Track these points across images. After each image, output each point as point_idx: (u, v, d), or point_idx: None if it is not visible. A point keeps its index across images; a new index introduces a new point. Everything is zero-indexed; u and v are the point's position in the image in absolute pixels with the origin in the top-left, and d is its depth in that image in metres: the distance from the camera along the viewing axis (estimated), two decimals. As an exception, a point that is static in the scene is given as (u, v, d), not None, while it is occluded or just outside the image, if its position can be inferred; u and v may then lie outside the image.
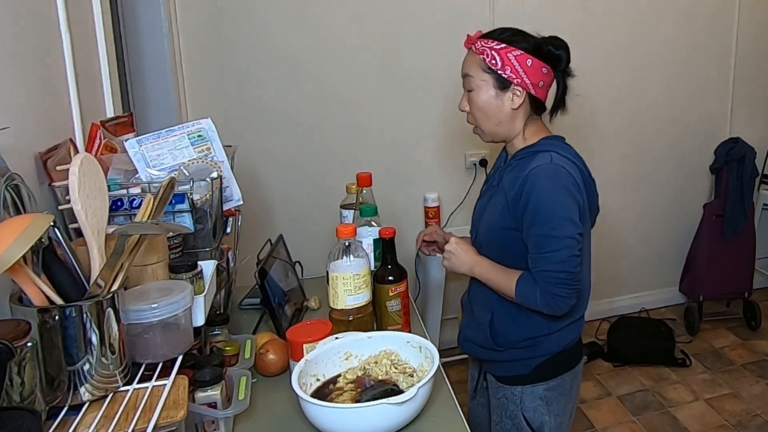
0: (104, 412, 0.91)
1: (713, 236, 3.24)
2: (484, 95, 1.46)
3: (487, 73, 1.45)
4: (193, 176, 1.31)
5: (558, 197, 1.38)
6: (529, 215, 1.39)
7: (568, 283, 1.39)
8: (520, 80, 1.44)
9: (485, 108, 1.47)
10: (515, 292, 1.43)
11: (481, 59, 1.45)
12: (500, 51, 1.43)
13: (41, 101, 1.25)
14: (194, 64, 2.58)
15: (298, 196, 2.81)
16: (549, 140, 1.48)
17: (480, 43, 1.46)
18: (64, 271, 0.93)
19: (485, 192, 1.61)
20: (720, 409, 2.71)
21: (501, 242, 1.48)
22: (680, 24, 3.21)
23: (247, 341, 1.41)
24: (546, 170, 1.39)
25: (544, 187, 1.38)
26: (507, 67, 1.43)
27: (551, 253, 1.38)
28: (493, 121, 1.48)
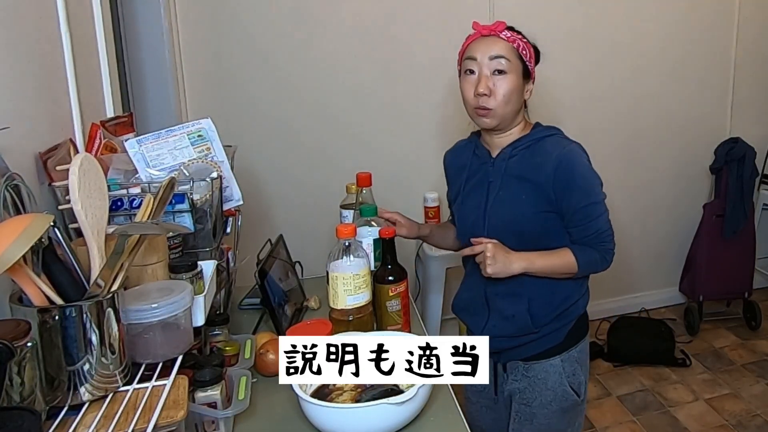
0: (104, 412, 0.91)
1: (713, 236, 3.24)
2: (515, 80, 1.50)
3: (518, 61, 1.51)
4: (193, 176, 1.31)
5: (589, 168, 1.52)
6: (574, 193, 1.48)
7: (613, 237, 1.55)
8: (533, 74, 1.56)
9: (512, 92, 1.50)
10: (578, 263, 1.51)
11: (514, 47, 1.51)
12: (527, 45, 1.54)
13: (41, 101, 1.25)
14: (194, 64, 2.58)
15: (298, 195, 2.81)
16: (540, 127, 1.59)
17: (509, 33, 1.53)
18: (64, 271, 0.93)
19: (474, 191, 1.61)
20: (720, 409, 2.71)
21: (535, 228, 1.52)
22: (680, 24, 3.21)
23: (247, 341, 1.41)
24: (574, 150, 1.51)
25: (581, 163, 1.50)
26: (531, 61, 1.53)
27: (600, 217, 1.52)
28: (511, 107, 1.51)
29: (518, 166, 1.53)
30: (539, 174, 1.49)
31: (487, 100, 1.50)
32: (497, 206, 1.55)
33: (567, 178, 1.48)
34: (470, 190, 1.62)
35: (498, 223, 1.55)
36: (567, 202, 1.49)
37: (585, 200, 1.50)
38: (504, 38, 1.52)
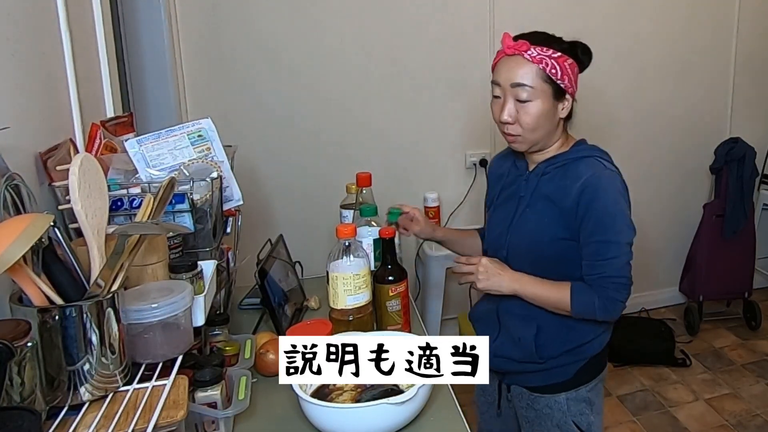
0: (104, 412, 0.91)
1: (713, 236, 3.24)
2: (542, 106, 1.39)
3: (546, 83, 1.39)
4: (193, 176, 1.31)
5: (618, 203, 1.40)
6: (590, 222, 1.38)
7: (626, 288, 1.41)
8: (572, 89, 1.43)
9: (541, 119, 1.40)
10: (571, 303, 1.40)
11: (540, 68, 1.38)
12: (558, 60, 1.39)
13: (41, 101, 1.25)
14: (194, 64, 2.58)
15: (298, 196, 2.81)
16: (582, 146, 1.48)
17: (535, 51, 1.38)
18: (64, 271, 0.93)
19: (505, 203, 1.54)
20: (720, 409, 2.71)
21: (553, 254, 1.44)
22: (680, 24, 3.21)
23: (247, 341, 1.41)
24: (605, 177, 1.40)
25: (606, 194, 1.38)
26: (565, 77, 1.40)
27: (612, 259, 1.39)
28: (542, 131, 1.42)
29: (548, 185, 1.45)
30: (564, 198, 1.41)
31: (512, 127, 1.43)
32: (521, 224, 1.48)
33: (588, 204, 1.38)
34: (502, 202, 1.56)
35: (518, 242, 1.48)
36: (583, 231, 1.40)
37: (600, 234, 1.38)
38: (528, 59, 1.38)
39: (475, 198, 3.03)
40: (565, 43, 1.43)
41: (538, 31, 1.43)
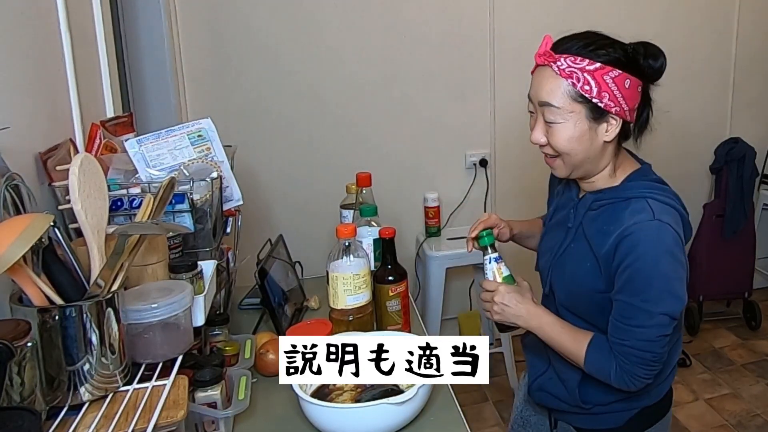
0: (104, 412, 0.91)
1: (713, 236, 3.24)
2: (574, 129, 1.18)
3: (578, 103, 1.16)
4: (193, 176, 1.31)
5: (660, 265, 1.15)
6: (622, 278, 1.17)
7: (651, 365, 1.19)
8: (619, 108, 1.17)
9: (574, 143, 1.19)
10: (585, 359, 1.23)
11: (570, 84, 1.15)
12: (595, 73, 1.14)
13: (41, 101, 1.25)
14: (194, 64, 2.58)
15: (298, 195, 2.81)
16: (640, 180, 1.25)
17: (565, 61, 1.15)
18: (64, 271, 0.93)
19: (556, 228, 1.36)
20: (720, 409, 2.71)
21: (593, 306, 1.26)
22: (680, 24, 3.21)
23: (247, 341, 1.41)
24: (648, 230, 1.16)
25: (645, 251, 1.15)
26: (605, 93, 1.15)
27: (639, 329, 1.17)
28: (581, 157, 1.21)
29: (591, 226, 1.25)
30: (602, 245, 1.20)
31: (546, 148, 1.24)
32: (563, 262, 1.30)
33: (622, 259, 1.16)
34: (554, 225, 1.38)
35: (558, 282, 1.32)
36: (616, 285, 1.19)
37: (627, 295, 1.17)
38: (557, 72, 1.16)
39: (475, 198, 3.03)
40: (617, 50, 1.18)
41: (586, 32, 1.20)
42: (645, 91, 1.24)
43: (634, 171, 1.28)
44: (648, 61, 1.20)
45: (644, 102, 1.25)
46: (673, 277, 1.17)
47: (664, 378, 1.36)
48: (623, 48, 1.19)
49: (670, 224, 1.17)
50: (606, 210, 1.24)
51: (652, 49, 1.21)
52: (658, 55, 1.21)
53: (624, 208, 1.20)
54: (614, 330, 1.20)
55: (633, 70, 1.18)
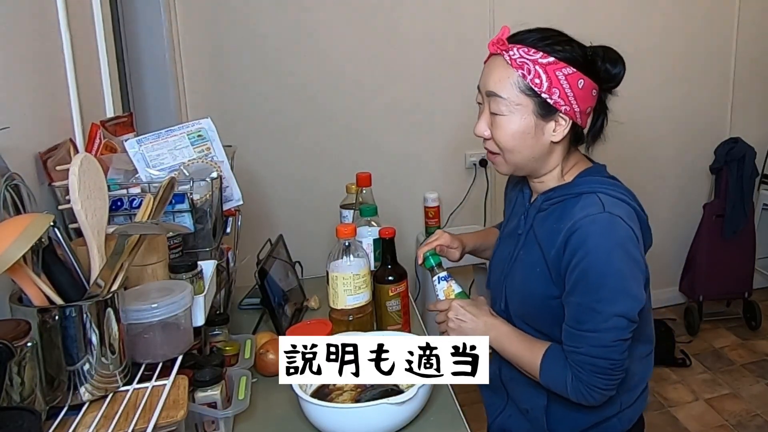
0: (104, 412, 0.91)
1: (713, 236, 3.24)
2: (519, 123, 1.12)
3: (526, 96, 1.11)
4: (193, 176, 1.31)
5: (612, 260, 1.07)
6: (573, 277, 1.09)
7: (609, 373, 1.10)
8: (569, 107, 1.12)
9: (518, 139, 1.13)
10: (540, 371, 1.16)
11: (520, 76, 1.10)
12: (548, 67, 1.09)
13: (41, 101, 1.25)
14: (194, 64, 2.58)
15: (298, 195, 2.81)
16: (590, 176, 1.19)
17: (518, 51, 1.10)
18: (64, 271, 0.93)
19: (507, 238, 1.29)
20: (720, 409, 2.71)
21: (547, 315, 1.18)
22: (680, 24, 3.21)
23: (247, 341, 1.41)
24: (599, 223, 1.08)
25: (596, 245, 1.07)
26: (555, 89, 1.10)
27: (592, 334, 1.08)
28: (525, 155, 1.15)
29: (541, 226, 1.18)
30: (551, 245, 1.13)
31: (488, 143, 1.18)
32: (515, 271, 1.23)
33: (572, 255, 1.08)
34: (504, 237, 1.31)
35: (512, 294, 1.24)
36: (567, 286, 1.11)
37: (580, 295, 1.09)
38: (508, 61, 1.10)
39: (475, 198, 3.03)
40: (575, 48, 1.13)
41: (545, 28, 1.16)
42: (601, 98, 1.19)
43: (586, 169, 1.21)
44: (606, 65, 1.14)
45: (600, 109, 1.20)
46: (628, 275, 1.08)
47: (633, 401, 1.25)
48: (582, 48, 1.14)
49: (622, 217, 1.09)
50: (557, 208, 1.17)
51: (612, 54, 1.15)
52: (617, 60, 1.15)
53: (574, 204, 1.13)
54: (567, 337, 1.12)
55: (589, 72, 1.13)
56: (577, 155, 1.23)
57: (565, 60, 1.11)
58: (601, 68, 1.15)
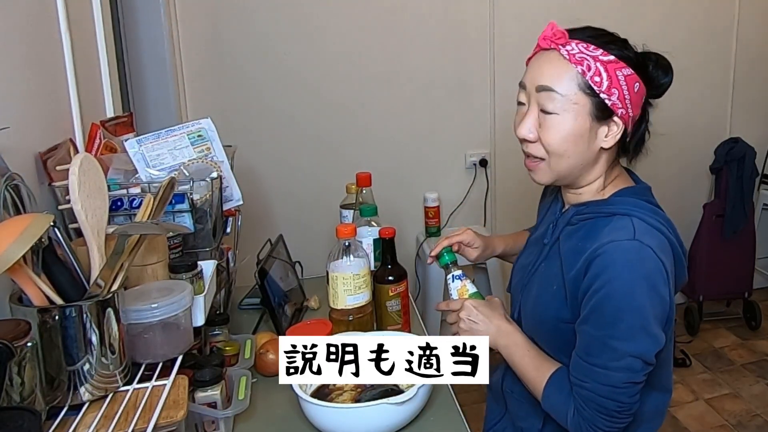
0: (104, 412, 0.91)
1: (713, 236, 3.24)
2: (573, 125, 1.03)
3: (585, 94, 1.02)
4: (193, 176, 1.31)
5: (635, 293, 0.98)
6: (588, 307, 1.01)
7: (615, 416, 1.01)
8: (625, 111, 1.04)
9: (569, 142, 1.04)
10: (542, 395, 1.09)
11: (579, 72, 1.02)
12: (608, 65, 1.02)
13: (41, 101, 1.25)
14: (194, 64, 2.58)
15: (298, 196, 2.81)
16: (628, 196, 1.09)
17: (577, 46, 1.02)
18: (64, 271, 0.93)
19: (533, 245, 1.22)
20: (720, 409, 2.71)
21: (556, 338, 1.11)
22: (680, 24, 3.21)
23: (247, 341, 1.41)
24: (626, 251, 0.99)
25: (619, 276, 0.98)
26: (615, 90, 1.02)
27: (602, 371, 1.00)
28: (572, 162, 1.06)
29: (568, 241, 1.09)
30: (572, 265, 1.04)
31: (532, 146, 1.08)
32: (533, 282, 1.16)
33: (591, 282, 1.00)
34: (532, 242, 1.23)
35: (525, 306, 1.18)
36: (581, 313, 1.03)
37: (594, 326, 1.01)
38: (566, 56, 1.02)
39: (475, 198, 3.03)
40: (630, 50, 1.06)
41: (595, 27, 1.09)
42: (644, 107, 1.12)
43: (626, 188, 1.12)
44: (657, 72, 1.09)
45: (642, 119, 1.13)
46: (650, 312, 0.99)
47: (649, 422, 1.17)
48: (634, 51, 1.09)
49: (653, 248, 0.99)
50: (585, 225, 1.08)
51: (664, 61, 1.10)
52: (668, 69, 1.10)
53: (604, 225, 1.04)
54: (575, 367, 1.04)
55: (642, 76, 1.07)
56: (619, 169, 1.15)
57: (624, 59, 1.04)
58: (653, 74, 1.08)
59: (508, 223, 3.07)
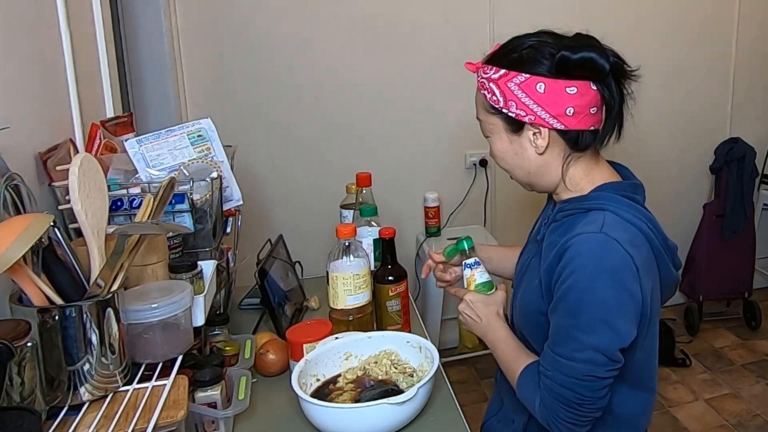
0: (104, 412, 0.91)
1: (713, 236, 3.24)
2: (498, 143, 1.12)
3: (493, 115, 1.09)
4: (193, 176, 1.32)
5: (596, 286, 0.98)
6: (556, 297, 1.03)
7: (575, 409, 1.01)
8: (534, 116, 1.05)
9: (506, 159, 1.13)
10: (516, 385, 1.12)
11: (482, 96, 1.10)
12: (499, 81, 1.05)
13: (41, 101, 1.25)
14: (194, 64, 2.58)
15: (298, 196, 2.81)
16: (607, 191, 1.09)
17: (481, 72, 1.10)
18: (64, 271, 0.93)
19: (529, 243, 1.25)
20: (720, 409, 2.71)
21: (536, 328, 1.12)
22: (680, 24, 3.21)
23: (247, 341, 1.41)
24: (591, 242, 1.00)
25: (581, 267, 0.99)
26: (511, 102, 1.05)
27: (564, 360, 1.01)
28: (521, 172, 1.13)
29: (550, 237, 1.11)
30: (547, 257, 1.07)
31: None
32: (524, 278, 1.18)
33: (561, 271, 1.01)
34: (530, 240, 1.26)
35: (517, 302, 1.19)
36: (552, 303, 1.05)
37: (562, 318, 1.02)
38: (477, 83, 1.11)
39: (475, 198, 3.03)
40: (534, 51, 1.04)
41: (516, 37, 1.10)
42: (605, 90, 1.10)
43: (607, 183, 1.11)
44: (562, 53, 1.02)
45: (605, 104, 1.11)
46: (613, 306, 0.98)
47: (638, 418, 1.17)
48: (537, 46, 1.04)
49: (620, 241, 0.99)
50: (566, 221, 1.09)
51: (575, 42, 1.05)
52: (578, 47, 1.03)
53: (581, 220, 1.05)
54: (543, 356, 1.05)
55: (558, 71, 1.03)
56: (591, 164, 1.12)
57: (513, 67, 1.04)
58: (571, 62, 1.02)
59: (508, 223, 3.08)
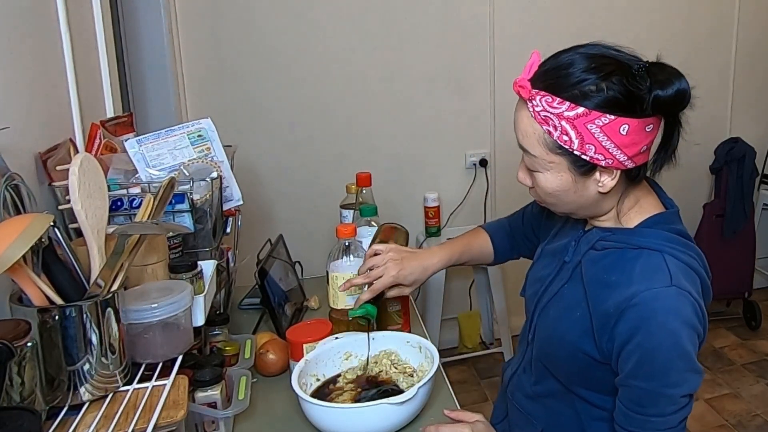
0: (104, 412, 0.91)
1: (713, 236, 3.24)
2: (555, 181, 0.99)
3: (557, 155, 0.96)
4: (193, 176, 1.31)
5: (682, 342, 0.95)
6: (632, 360, 0.96)
7: None
8: (612, 160, 0.94)
9: (558, 195, 1.01)
10: None
11: (545, 132, 0.94)
12: (575, 121, 0.92)
13: (41, 101, 1.25)
14: (194, 64, 2.58)
15: (298, 195, 2.81)
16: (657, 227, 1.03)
17: (541, 102, 0.93)
18: (64, 271, 0.93)
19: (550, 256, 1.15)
20: (720, 409, 2.71)
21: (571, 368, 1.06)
22: (680, 24, 3.21)
23: (247, 341, 1.41)
24: (666, 299, 0.95)
25: (662, 327, 0.94)
26: (589, 146, 0.93)
27: (659, 418, 0.97)
28: (570, 207, 1.04)
29: (593, 267, 1.04)
30: (602, 301, 0.99)
31: (531, 191, 1.07)
32: (552, 304, 1.10)
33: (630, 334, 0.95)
34: (549, 252, 1.17)
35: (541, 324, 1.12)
36: (621, 365, 0.98)
37: (643, 380, 0.96)
38: (531, 113, 0.94)
39: (475, 198, 3.03)
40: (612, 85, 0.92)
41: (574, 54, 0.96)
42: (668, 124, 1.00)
43: (655, 215, 1.05)
44: (656, 92, 0.92)
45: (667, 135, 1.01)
46: (692, 351, 0.97)
47: None
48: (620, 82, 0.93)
49: (691, 292, 0.97)
50: (611, 255, 1.02)
51: (661, 75, 0.94)
52: (669, 80, 0.93)
53: (634, 259, 0.99)
54: (626, 420, 0.99)
55: (636, 110, 0.93)
56: (639, 192, 1.06)
57: (597, 108, 0.91)
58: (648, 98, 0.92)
59: (508, 223, 3.08)
